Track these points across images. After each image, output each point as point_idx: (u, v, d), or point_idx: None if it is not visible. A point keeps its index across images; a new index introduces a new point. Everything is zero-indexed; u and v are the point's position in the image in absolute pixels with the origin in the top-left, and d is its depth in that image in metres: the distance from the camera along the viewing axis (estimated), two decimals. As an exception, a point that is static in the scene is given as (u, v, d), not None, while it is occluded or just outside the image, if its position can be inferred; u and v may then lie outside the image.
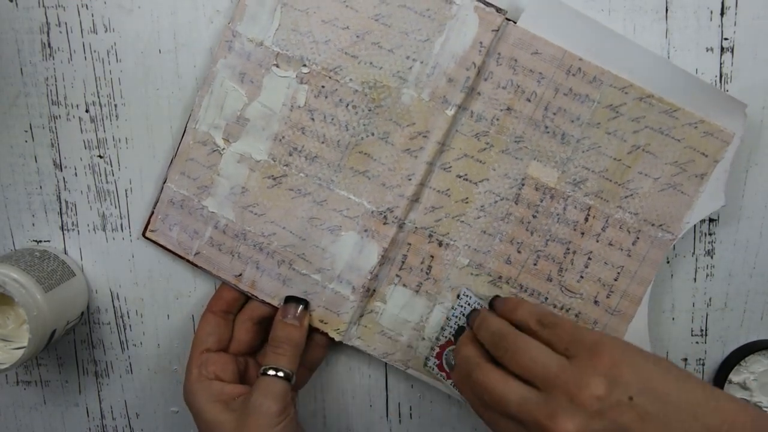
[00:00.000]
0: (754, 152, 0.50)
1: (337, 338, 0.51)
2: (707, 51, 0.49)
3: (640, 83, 0.47)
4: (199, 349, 0.49)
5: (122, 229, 0.53)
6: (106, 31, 0.50)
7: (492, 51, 0.47)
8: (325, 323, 0.51)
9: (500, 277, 0.50)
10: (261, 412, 0.44)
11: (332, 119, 0.49)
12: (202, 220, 0.51)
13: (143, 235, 0.52)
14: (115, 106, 0.51)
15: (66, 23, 0.50)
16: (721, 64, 0.49)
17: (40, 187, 0.53)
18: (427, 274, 0.50)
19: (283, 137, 0.49)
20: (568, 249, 0.49)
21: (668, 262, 0.52)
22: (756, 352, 0.52)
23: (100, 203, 0.53)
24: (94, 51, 0.51)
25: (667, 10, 0.48)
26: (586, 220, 0.49)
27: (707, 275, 0.52)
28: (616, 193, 0.48)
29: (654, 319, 0.51)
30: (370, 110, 0.48)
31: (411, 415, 0.54)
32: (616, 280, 0.49)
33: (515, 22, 0.47)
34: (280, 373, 0.46)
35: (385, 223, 0.49)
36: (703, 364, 0.54)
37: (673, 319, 0.53)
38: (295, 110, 0.49)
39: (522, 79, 0.47)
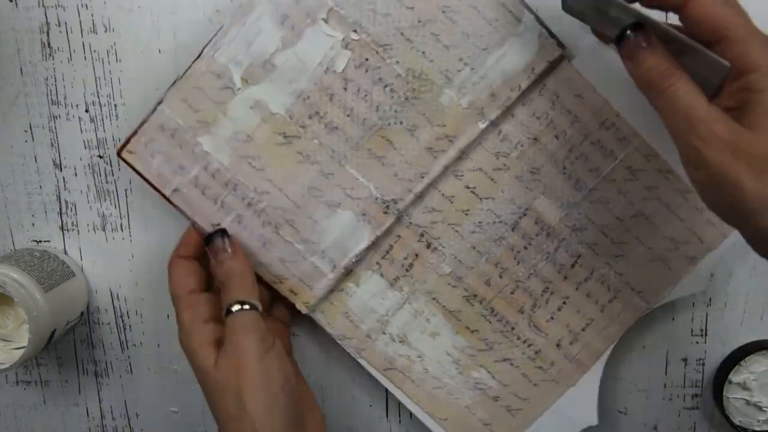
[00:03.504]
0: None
1: (303, 311, 0.50)
2: None
3: (664, 156, 0.48)
4: (183, 291, 0.46)
5: (122, 229, 0.53)
6: (106, 31, 0.50)
7: (539, 80, 0.47)
8: (295, 294, 0.49)
9: (475, 296, 0.50)
10: (241, 349, 0.42)
11: (365, 95, 0.47)
12: (192, 157, 0.47)
13: (118, 154, 0.48)
14: (115, 106, 0.51)
15: (66, 23, 0.50)
16: None
17: (40, 187, 0.53)
18: (407, 270, 0.50)
19: (308, 97, 0.47)
20: (547, 288, 0.50)
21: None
22: (756, 352, 0.52)
23: (100, 203, 0.53)
24: (94, 51, 0.50)
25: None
26: (573, 266, 0.50)
27: None
28: (608, 250, 0.50)
29: (654, 319, 0.52)
30: (406, 98, 0.47)
31: (411, 415, 0.54)
32: (583, 330, 0.51)
33: (569, 61, 0.47)
34: (246, 306, 0.44)
35: (385, 213, 0.48)
36: (703, 364, 0.54)
37: (673, 319, 0.53)
38: (330, 74, 0.46)
39: (557, 116, 0.48)
